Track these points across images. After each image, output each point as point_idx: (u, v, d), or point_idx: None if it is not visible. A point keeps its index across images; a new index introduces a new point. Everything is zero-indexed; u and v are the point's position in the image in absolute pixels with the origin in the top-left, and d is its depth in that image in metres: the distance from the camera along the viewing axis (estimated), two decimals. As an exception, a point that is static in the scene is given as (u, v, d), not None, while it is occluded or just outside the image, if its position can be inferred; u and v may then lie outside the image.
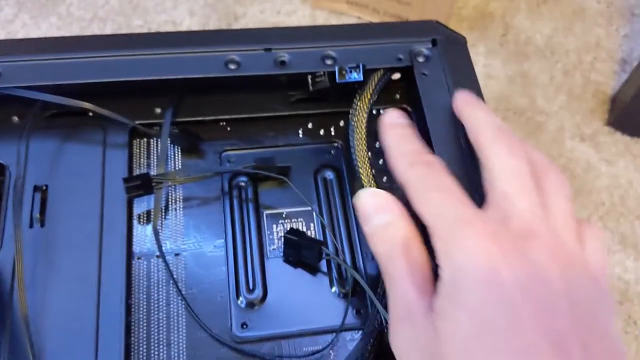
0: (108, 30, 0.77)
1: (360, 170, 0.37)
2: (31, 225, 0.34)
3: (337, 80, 0.37)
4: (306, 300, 0.33)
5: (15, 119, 0.37)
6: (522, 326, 0.24)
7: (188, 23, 0.78)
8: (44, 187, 0.35)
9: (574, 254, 0.27)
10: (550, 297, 0.24)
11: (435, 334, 0.25)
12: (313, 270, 0.35)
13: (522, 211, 0.27)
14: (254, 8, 0.81)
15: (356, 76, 0.37)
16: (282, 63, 0.38)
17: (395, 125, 0.33)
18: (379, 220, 0.29)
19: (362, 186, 0.36)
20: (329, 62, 0.38)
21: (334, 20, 0.80)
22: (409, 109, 0.40)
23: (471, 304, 0.24)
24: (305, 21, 0.79)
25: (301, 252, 0.34)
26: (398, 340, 0.27)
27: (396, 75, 0.40)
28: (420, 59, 0.38)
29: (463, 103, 0.34)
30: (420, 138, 0.32)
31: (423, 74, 0.38)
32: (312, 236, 0.36)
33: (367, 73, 0.38)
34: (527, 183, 0.28)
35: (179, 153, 0.38)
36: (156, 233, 0.34)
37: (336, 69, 0.37)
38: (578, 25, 0.89)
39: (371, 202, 0.29)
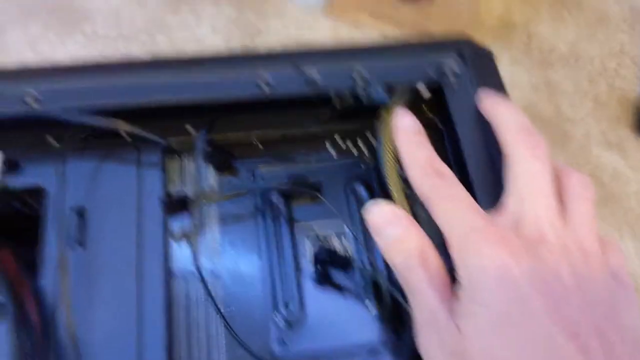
0: (133, 48, 0.78)
1: (390, 182, 0.37)
2: (71, 247, 0.34)
3: (362, 99, 0.37)
4: (344, 317, 0.34)
5: (52, 141, 0.38)
6: (536, 319, 0.25)
7: (211, 39, 0.79)
8: (82, 208, 0.36)
9: (590, 252, 0.28)
10: (562, 290, 0.26)
11: (458, 333, 0.27)
12: (348, 287, 0.35)
13: (535, 217, 0.29)
14: (276, 22, 0.81)
15: (380, 94, 0.38)
16: (313, 82, 0.38)
17: (406, 130, 0.35)
18: (391, 232, 0.30)
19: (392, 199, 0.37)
20: (358, 79, 0.38)
21: (356, 33, 0.81)
22: (438, 123, 0.40)
23: (488, 302, 0.26)
24: (328, 34, 0.79)
25: (334, 272, 0.34)
26: (424, 343, 0.28)
27: (424, 89, 0.40)
28: (450, 75, 0.39)
29: (489, 101, 0.36)
30: (429, 143, 0.33)
31: (453, 89, 0.38)
32: (345, 252, 0.36)
33: (394, 88, 0.38)
34: (545, 187, 0.30)
35: (213, 171, 0.38)
36: (194, 251, 0.35)
37: (362, 88, 0.37)
38: (601, 31, 0.88)
39: (381, 215, 0.31)
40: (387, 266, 0.36)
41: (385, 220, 0.30)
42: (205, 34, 0.79)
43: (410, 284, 0.29)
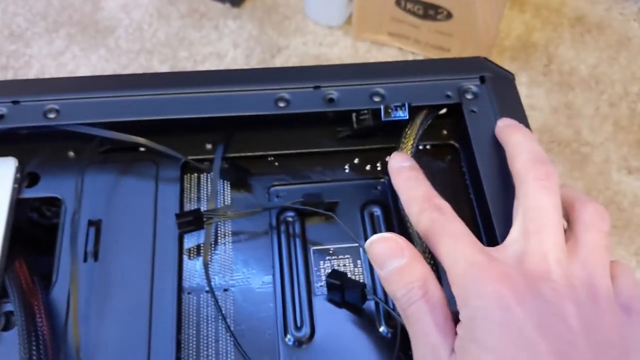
0: (155, 62, 0.79)
1: None
2: (85, 259, 0.34)
3: (382, 119, 0.37)
4: (354, 339, 0.33)
5: (71, 154, 0.38)
6: None
7: (232, 55, 0.80)
8: (98, 221, 0.36)
9: (599, 288, 0.27)
10: (569, 334, 0.25)
11: None
12: (359, 309, 0.34)
13: (540, 252, 0.28)
14: (297, 40, 0.82)
15: (402, 114, 0.38)
16: (331, 100, 0.38)
17: (401, 169, 0.34)
18: (394, 264, 0.29)
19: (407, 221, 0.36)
20: (377, 99, 0.38)
21: (376, 51, 0.81)
22: (457, 145, 0.40)
23: (491, 345, 0.25)
24: (347, 52, 0.80)
25: (344, 295, 0.34)
26: None
27: (442, 110, 0.40)
28: (469, 96, 0.38)
29: (503, 127, 0.35)
30: (426, 178, 0.33)
31: (472, 111, 0.38)
32: (357, 276, 0.36)
33: (414, 109, 0.38)
34: (551, 221, 0.29)
35: (229, 187, 0.38)
36: (206, 268, 0.35)
37: (382, 107, 0.37)
38: (623, 55, 0.88)
39: (384, 247, 0.30)
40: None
41: (389, 251, 0.30)
42: (226, 49, 0.80)
43: (410, 317, 0.28)
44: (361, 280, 0.35)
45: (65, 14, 0.85)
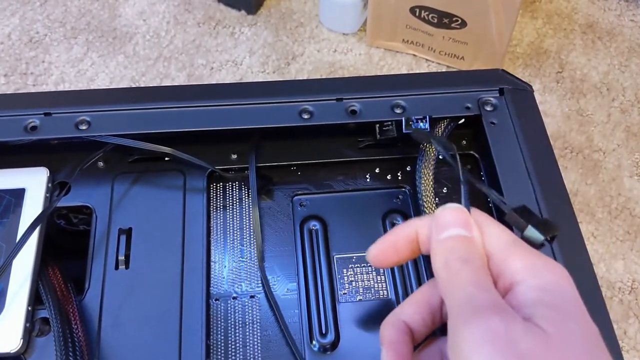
0: (172, 69, 0.80)
1: (427, 212, 0.38)
2: (117, 267, 0.35)
3: (404, 130, 0.38)
4: (379, 345, 0.34)
5: (101, 164, 0.39)
6: None
7: (248, 62, 0.81)
8: (128, 229, 0.37)
9: None
10: None
11: None
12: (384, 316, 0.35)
13: None
14: (311, 47, 0.83)
15: (422, 126, 0.39)
16: (353, 112, 0.39)
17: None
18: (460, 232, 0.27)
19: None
20: (398, 110, 0.39)
21: (390, 58, 0.82)
22: (476, 155, 0.41)
23: None
24: (361, 59, 0.81)
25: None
26: None
27: (460, 120, 0.41)
28: (488, 108, 0.39)
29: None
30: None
31: (491, 123, 0.39)
32: (379, 284, 0.37)
33: (435, 120, 0.39)
34: None
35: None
36: (262, 270, 0.36)
37: (403, 119, 0.38)
38: (634, 61, 0.88)
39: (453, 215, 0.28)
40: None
41: (458, 221, 0.27)
42: (242, 56, 0.81)
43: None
44: (384, 289, 0.36)
45: (83, 21, 0.86)
